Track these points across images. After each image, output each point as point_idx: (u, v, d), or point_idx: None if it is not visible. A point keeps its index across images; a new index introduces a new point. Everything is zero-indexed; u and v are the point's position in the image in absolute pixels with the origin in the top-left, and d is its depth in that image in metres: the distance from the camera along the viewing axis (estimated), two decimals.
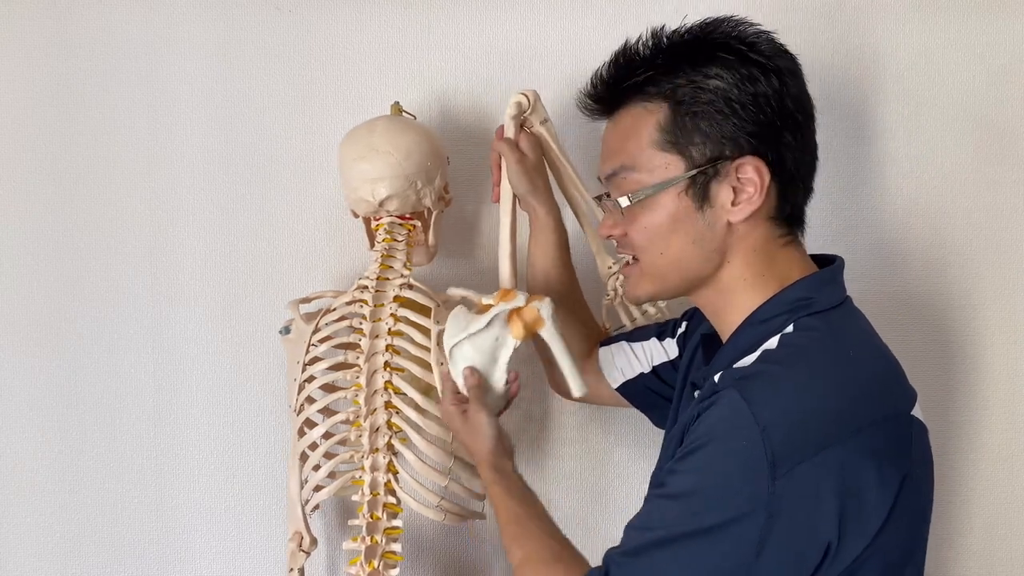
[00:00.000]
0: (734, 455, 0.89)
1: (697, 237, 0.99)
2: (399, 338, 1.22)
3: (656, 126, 0.99)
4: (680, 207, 0.99)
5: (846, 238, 1.45)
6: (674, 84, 0.99)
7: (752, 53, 0.98)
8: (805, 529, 0.88)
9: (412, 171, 1.25)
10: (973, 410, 1.48)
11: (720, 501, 0.89)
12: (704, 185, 0.98)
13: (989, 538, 1.49)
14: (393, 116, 1.32)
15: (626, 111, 1.03)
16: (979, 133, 1.46)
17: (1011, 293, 1.47)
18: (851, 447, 0.89)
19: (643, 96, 1.01)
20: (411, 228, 1.31)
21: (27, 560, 1.49)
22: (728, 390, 0.92)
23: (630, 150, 1.01)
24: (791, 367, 0.93)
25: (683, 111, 0.98)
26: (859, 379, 0.95)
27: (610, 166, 1.04)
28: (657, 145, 0.99)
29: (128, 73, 1.46)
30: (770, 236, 1.00)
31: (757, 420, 0.88)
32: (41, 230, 1.47)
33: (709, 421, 0.92)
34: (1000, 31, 1.45)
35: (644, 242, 1.02)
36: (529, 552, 1.02)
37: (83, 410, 1.48)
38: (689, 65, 0.99)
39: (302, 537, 1.28)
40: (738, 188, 0.98)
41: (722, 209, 0.98)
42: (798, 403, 0.90)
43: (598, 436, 1.48)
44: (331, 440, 1.23)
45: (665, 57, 1.01)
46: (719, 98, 0.97)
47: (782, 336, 0.96)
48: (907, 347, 1.44)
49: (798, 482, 0.87)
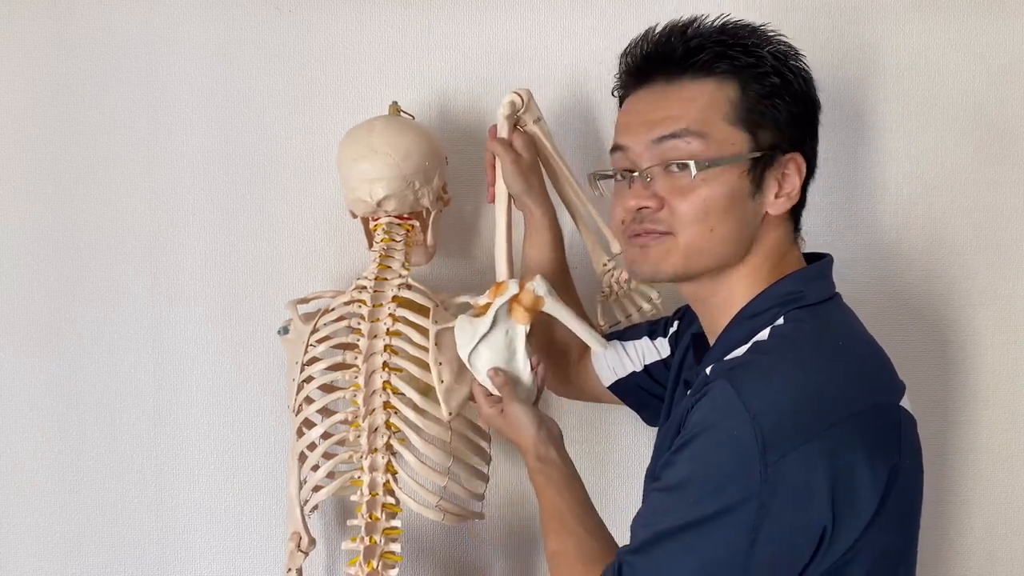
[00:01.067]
0: (726, 444, 0.90)
1: (744, 222, 1.00)
2: (397, 338, 1.22)
3: (728, 100, 0.99)
4: (740, 187, 0.99)
5: (846, 238, 1.45)
6: (747, 63, 0.99)
7: (795, 58, 1.03)
8: (798, 516, 0.89)
9: (410, 171, 1.25)
10: (973, 410, 1.48)
11: (714, 490, 0.89)
12: (761, 171, 0.99)
13: (989, 538, 1.49)
14: (392, 116, 1.32)
15: (689, 82, 1.00)
16: (979, 133, 1.46)
17: (1011, 293, 1.47)
18: (841, 434, 0.90)
19: (711, 71, 0.99)
20: (409, 228, 1.30)
21: (27, 560, 1.49)
22: (719, 380, 0.93)
23: (700, 117, 0.98)
24: (781, 357, 0.94)
25: (753, 92, 0.99)
26: (848, 368, 0.95)
27: (669, 127, 0.99)
28: (728, 119, 0.99)
29: (128, 73, 1.46)
30: (787, 232, 1.04)
31: (747, 408, 0.89)
32: (41, 230, 1.47)
33: (701, 412, 0.93)
34: (1000, 31, 1.45)
35: (696, 215, 0.98)
36: (560, 547, 1.04)
37: (83, 410, 1.48)
38: (757, 47, 1.00)
39: (301, 537, 1.27)
40: (782, 181, 1.00)
41: (765, 199, 1.00)
42: (788, 392, 0.91)
43: (598, 436, 1.48)
44: (330, 440, 1.23)
45: (734, 37, 1.01)
46: (783, 87, 1.00)
47: (772, 328, 0.97)
48: (907, 347, 1.45)
49: (789, 469, 0.88)
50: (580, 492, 1.08)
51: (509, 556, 1.49)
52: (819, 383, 0.92)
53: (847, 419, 0.91)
